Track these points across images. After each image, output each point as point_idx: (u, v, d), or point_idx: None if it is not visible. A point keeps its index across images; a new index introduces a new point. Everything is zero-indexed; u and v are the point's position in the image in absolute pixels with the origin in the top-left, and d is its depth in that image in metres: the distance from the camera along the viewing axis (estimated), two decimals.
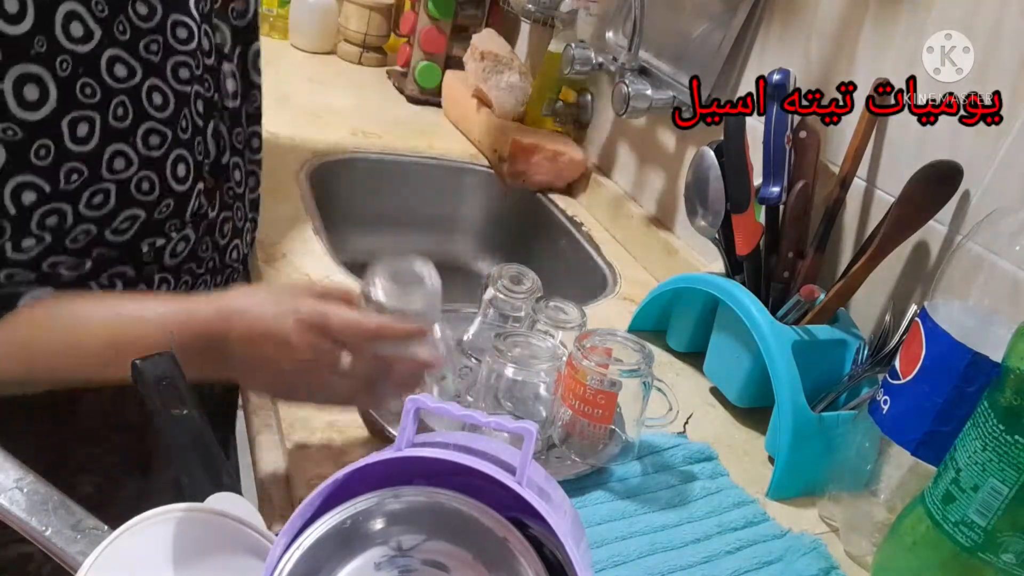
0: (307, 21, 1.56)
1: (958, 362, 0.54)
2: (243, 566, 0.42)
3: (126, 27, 0.55)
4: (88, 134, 0.54)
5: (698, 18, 1.00)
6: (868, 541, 0.62)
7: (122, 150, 0.56)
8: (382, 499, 0.37)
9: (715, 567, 0.57)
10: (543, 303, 0.71)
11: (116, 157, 0.56)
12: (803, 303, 0.71)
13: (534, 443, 0.38)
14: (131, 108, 0.56)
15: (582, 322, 0.70)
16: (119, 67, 0.55)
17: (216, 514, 0.42)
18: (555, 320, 0.69)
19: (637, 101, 0.98)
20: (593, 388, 0.59)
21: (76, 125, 0.53)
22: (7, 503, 0.39)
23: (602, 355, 0.61)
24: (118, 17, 0.54)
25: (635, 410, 0.63)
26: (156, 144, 0.58)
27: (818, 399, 0.70)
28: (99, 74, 0.54)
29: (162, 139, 0.58)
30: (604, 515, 0.60)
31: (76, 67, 0.52)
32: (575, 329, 0.69)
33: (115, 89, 0.55)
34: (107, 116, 0.54)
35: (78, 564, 0.37)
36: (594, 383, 0.60)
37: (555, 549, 0.39)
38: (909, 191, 0.67)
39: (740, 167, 0.75)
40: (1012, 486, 0.49)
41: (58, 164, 0.53)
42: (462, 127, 1.37)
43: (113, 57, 0.54)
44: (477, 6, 1.46)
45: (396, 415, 0.59)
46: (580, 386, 0.60)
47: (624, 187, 1.15)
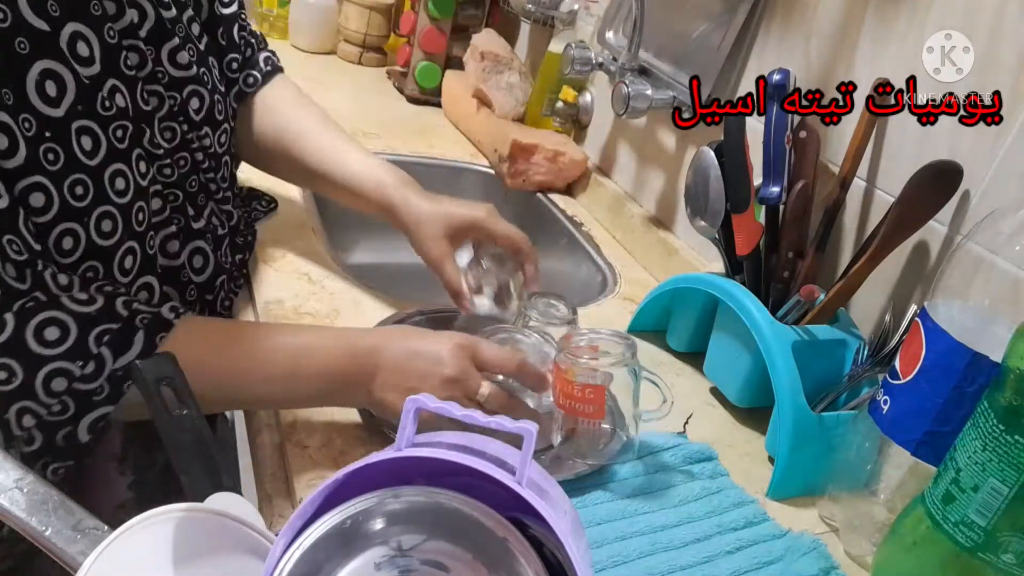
0: (307, 21, 1.56)
1: (958, 362, 0.54)
2: (243, 566, 0.42)
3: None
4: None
5: (698, 18, 1.00)
6: (868, 541, 0.62)
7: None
8: (382, 499, 0.37)
9: (715, 567, 0.57)
10: (535, 299, 0.71)
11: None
12: (803, 303, 0.71)
13: (534, 443, 0.38)
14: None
15: (573, 318, 0.70)
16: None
17: (216, 514, 0.42)
18: (547, 316, 0.70)
19: (637, 101, 0.98)
20: (581, 384, 0.60)
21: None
22: (7, 503, 0.39)
23: (587, 352, 0.61)
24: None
25: (629, 405, 0.64)
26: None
27: (818, 399, 0.70)
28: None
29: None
30: (604, 515, 0.60)
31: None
32: (566, 325, 0.69)
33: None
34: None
35: (78, 564, 0.37)
36: (582, 379, 0.60)
37: (555, 549, 0.39)
38: (909, 191, 0.67)
39: (740, 167, 0.75)
40: (1012, 486, 0.49)
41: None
42: (462, 127, 1.37)
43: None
44: (477, 6, 1.46)
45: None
46: (568, 384, 0.60)
47: (624, 187, 1.15)
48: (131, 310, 0.54)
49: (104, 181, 0.53)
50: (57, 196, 0.50)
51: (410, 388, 0.57)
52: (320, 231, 0.93)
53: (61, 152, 0.50)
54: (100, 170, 0.53)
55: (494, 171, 1.24)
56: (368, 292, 0.84)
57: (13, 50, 0.47)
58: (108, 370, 0.52)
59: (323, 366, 0.59)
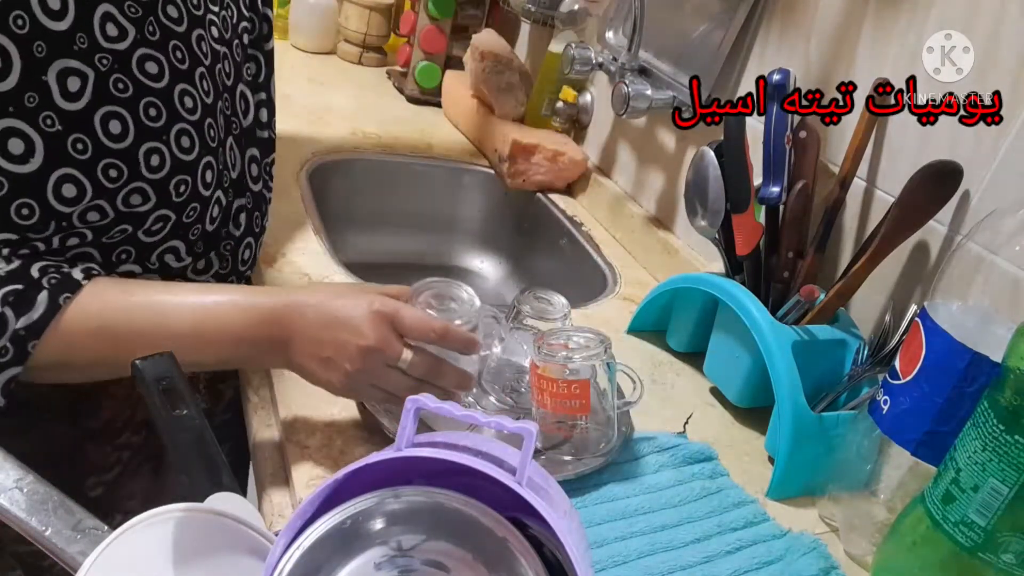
0: (307, 21, 1.56)
1: (958, 362, 0.54)
2: (243, 566, 0.42)
3: (155, 28, 0.57)
4: (122, 131, 0.55)
5: (698, 18, 1.00)
6: (868, 541, 0.62)
7: (156, 148, 0.58)
8: (382, 499, 0.37)
9: (715, 567, 0.57)
10: (528, 294, 0.71)
11: (152, 155, 0.57)
12: (803, 303, 0.71)
13: (534, 443, 0.38)
14: (164, 109, 0.58)
15: (566, 312, 0.70)
16: (150, 64, 0.57)
17: (216, 514, 0.42)
18: (539, 311, 0.69)
19: (637, 101, 0.98)
20: (566, 380, 0.60)
21: (109, 121, 0.54)
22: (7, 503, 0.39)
23: (561, 349, 0.62)
24: (148, 18, 0.57)
25: (610, 399, 0.64)
26: (187, 147, 0.60)
27: (818, 399, 0.70)
28: (131, 72, 0.56)
29: (191, 142, 0.61)
30: (604, 515, 0.60)
31: (113, 64, 0.54)
32: (560, 320, 0.69)
33: (147, 88, 0.57)
34: (139, 114, 0.56)
35: (78, 564, 0.37)
36: (560, 375, 0.60)
37: (555, 549, 0.39)
38: (909, 191, 0.67)
39: (740, 167, 0.75)
40: (1012, 486, 0.49)
41: (96, 160, 0.54)
42: (462, 127, 1.37)
43: (144, 56, 0.56)
44: (477, 6, 1.46)
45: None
46: (551, 383, 0.60)
47: (624, 187, 1.15)
48: (45, 273, 0.54)
49: (175, 101, 0.58)
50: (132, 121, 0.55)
51: (327, 359, 0.56)
52: (320, 231, 0.93)
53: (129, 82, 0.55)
54: (169, 91, 0.58)
55: (494, 171, 1.24)
56: None
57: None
58: (11, 330, 0.51)
59: (231, 329, 0.56)
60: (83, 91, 0.52)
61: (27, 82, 0.50)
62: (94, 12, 0.52)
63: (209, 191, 0.64)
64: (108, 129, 0.54)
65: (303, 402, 0.65)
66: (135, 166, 0.56)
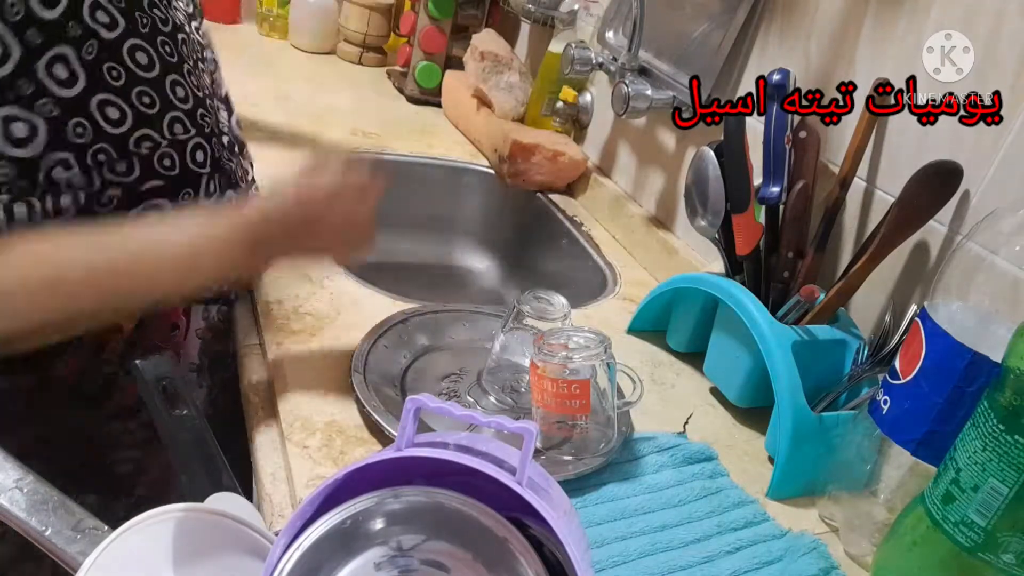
0: (307, 21, 1.56)
1: (958, 362, 0.54)
2: (243, 566, 0.42)
3: (147, 21, 0.60)
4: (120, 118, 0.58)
5: (698, 18, 1.00)
6: (868, 541, 0.62)
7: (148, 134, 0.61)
8: (382, 499, 0.37)
9: (715, 567, 0.57)
10: (527, 294, 0.71)
11: (143, 141, 0.60)
12: (803, 303, 0.71)
13: (534, 443, 0.38)
14: (156, 97, 0.61)
15: (566, 312, 0.70)
16: (140, 55, 0.60)
17: (216, 514, 0.42)
18: (539, 311, 0.69)
19: (637, 101, 0.98)
20: (565, 380, 0.60)
21: (105, 108, 0.57)
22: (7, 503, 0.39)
23: (561, 349, 0.62)
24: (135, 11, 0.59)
25: (611, 399, 0.64)
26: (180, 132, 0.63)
27: (818, 399, 0.70)
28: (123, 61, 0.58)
29: (184, 128, 0.64)
30: (604, 515, 0.60)
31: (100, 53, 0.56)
32: (560, 320, 0.69)
33: (139, 78, 0.60)
34: (133, 101, 0.59)
35: (78, 564, 0.37)
36: (559, 375, 0.60)
37: (555, 549, 0.39)
38: (909, 191, 0.67)
39: (740, 167, 0.75)
40: (1012, 486, 0.49)
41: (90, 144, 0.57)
42: (462, 127, 1.37)
43: (134, 46, 0.59)
44: (477, 6, 1.46)
45: None
46: (552, 383, 0.60)
47: (624, 187, 1.15)
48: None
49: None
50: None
51: (307, 248, 0.62)
52: None
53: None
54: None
55: (494, 171, 1.24)
56: (368, 292, 0.84)
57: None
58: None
59: (227, 252, 0.58)
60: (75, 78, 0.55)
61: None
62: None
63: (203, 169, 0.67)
64: (106, 115, 0.57)
65: (303, 402, 0.65)
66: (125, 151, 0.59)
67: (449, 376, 0.73)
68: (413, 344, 0.75)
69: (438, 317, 0.79)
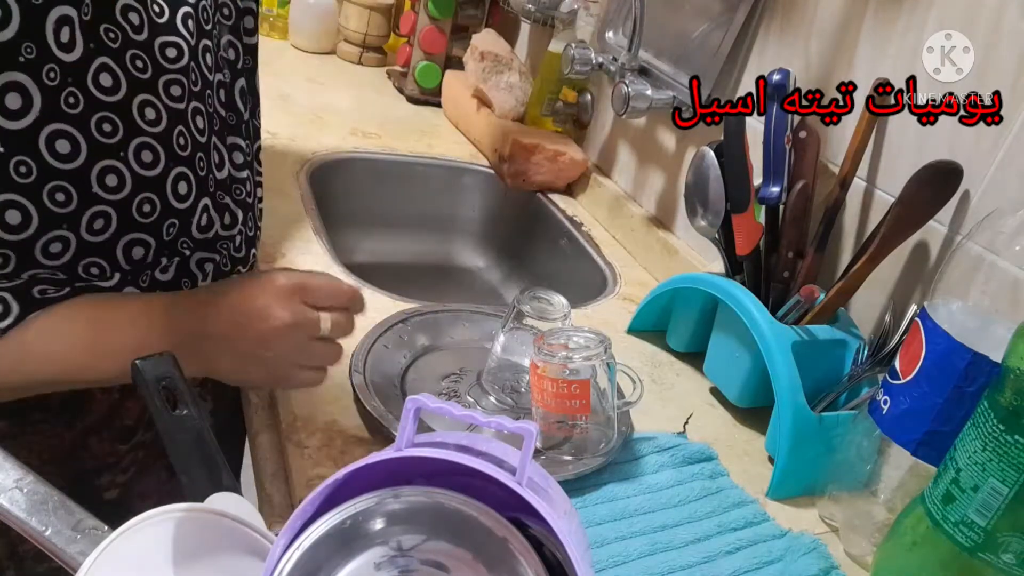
0: (307, 21, 1.56)
1: (958, 362, 0.54)
2: (243, 566, 0.42)
3: (117, 35, 0.53)
4: (72, 150, 0.51)
5: (698, 18, 1.00)
6: (868, 541, 0.62)
7: (113, 166, 0.54)
8: (382, 499, 0.37)
9: (715, 567, 0.57)
10: (527, 294, 0.71)
11: (107, 174, 0.53)
12: (803, 303, 0.71)
13: (534, 443, 0.38)
14: (120, 123, 0.53)
15: (566, 312, 0.70)
16: (105, 77, 0.52)
17: (216, 514, 0.42)
18: (539, 311, 0.69)
19: (637, 101, 0.98)
20: (565, 380, 0.60)
21: (55, 140, 0.50)
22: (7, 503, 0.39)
23: (561, 349, 0.62)
24: (103, 24, 0.52)
25: (611, 399, 0.64)
26: (150, 161, 0.55)
27: (818, 399, 0.70)
28: (85, 84, 0.51)
29: (155, 156, 0.56)
30: (604, 515, 0.60)
31: (64, 76, 0.49)
32: (560, 320, 0.69)
33: (102, 102, 0.52)
34: (91, 131, 0.51)
35: (78, 564, 0.37)
36: (559, 375, 0.60)
37: (555, 549, 0.39)
38: (909, 191, 0.67)
39: (740, 167, 0.75)
40: (1012, 486, 0.49)
41: (42, 183, 0.50)
42: (462, 127, 1.37)
43: (101, 66, 0.52)
44: (477, 6, 1.46)
45: None
46: (551, 383, 0.60)
47: (624, 187, 1.15)
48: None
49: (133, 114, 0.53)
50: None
51: (244, 354, 0.54)
52: (320, 231, 0.93)
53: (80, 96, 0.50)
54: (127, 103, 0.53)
55: (494, 171, 1.24)
56: (368, 292, 0.84)
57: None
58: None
59: (130, 346, 0.52)
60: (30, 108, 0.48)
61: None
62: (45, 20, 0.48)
63: (186, 203, 0.59)
64: (56, 149, 0.50)
65: (303, 402, 0.65)
66: (87, 187, 0.52)
67: (449, 376, 0.73)
68: (413, 344, 0.75)
69: (438, 317, 0.79)
